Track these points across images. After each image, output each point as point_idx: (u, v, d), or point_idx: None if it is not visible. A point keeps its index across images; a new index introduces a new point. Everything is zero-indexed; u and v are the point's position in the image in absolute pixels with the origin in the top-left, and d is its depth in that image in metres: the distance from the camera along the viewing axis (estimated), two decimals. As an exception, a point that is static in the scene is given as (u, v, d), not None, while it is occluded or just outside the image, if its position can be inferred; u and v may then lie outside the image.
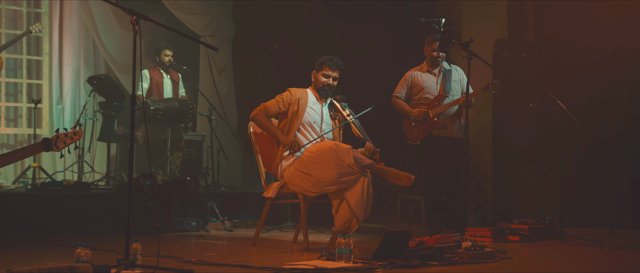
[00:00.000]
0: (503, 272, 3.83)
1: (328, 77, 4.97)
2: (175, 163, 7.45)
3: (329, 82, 4.97)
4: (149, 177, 5.70)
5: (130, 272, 3.31)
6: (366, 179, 4.62)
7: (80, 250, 3.31)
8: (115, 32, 8.56)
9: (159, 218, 5.80)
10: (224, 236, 5.73)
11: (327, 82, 4.96)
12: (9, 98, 8.26)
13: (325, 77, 4.97)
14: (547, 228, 5.57)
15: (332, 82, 4.98)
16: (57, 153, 3.53)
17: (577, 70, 6.70)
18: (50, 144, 3.50)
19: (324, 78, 4.96)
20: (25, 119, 8.25)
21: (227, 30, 9.08)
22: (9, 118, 8.27)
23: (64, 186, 6.11)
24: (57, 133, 3.56)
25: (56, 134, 3.55)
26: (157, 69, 7.69)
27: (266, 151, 5.08)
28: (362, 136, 4.91)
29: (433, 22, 5.40)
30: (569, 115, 5.51)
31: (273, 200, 4.91)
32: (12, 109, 8.28)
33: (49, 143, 3.50)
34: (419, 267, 3.80)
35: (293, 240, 5.27)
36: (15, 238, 5.20)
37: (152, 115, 7.07)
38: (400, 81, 6.05)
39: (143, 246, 3.56)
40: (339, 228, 4.64)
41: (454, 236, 4.37)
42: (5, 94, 8.18)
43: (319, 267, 3.73)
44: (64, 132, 3.56)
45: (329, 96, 5.03)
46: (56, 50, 8.38)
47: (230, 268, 3.68)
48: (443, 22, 5.71)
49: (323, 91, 4.99)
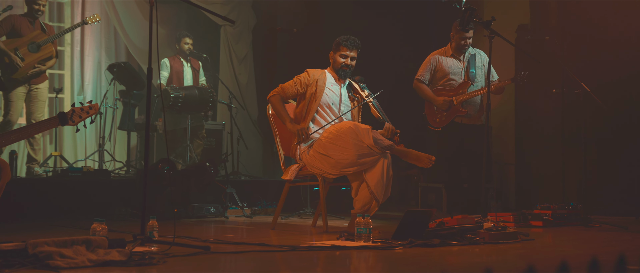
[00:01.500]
0: (525, 251, 3.74)
1: (346, 57, 4.89)
2: (196, 151, 7.44)
3: (347, 63, 4.89)
4: (168, 162, 5.69)
5: (146, 248, 3.28)
6: (386, 160, 4.55)
7: (96, 225, 3.30)
8: (137, 21, 8.56)
9: (177, 203, 5.78)
10: (243, 222, 5.69)
11: (345, 62, 4.89)
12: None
13: (343, 58, 4.89)
14: (570, 214, 5.46)
15: (350, 62, 4.90)
16: (80, 141, 3.51)
17: (602, 52, 6.56)
18: (66, 119, 3.48)
19: (342, 59, 4.89)
20: (47, 109, 8.28)
21: (248, 19, 9.05)
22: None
23: (84, 173, 6.12)
24: (73, 107, 3.54)
25: (72, 109, 3.53)
26: (177, 58, 7.68)
27: (285, 134, 5.03)
28: (381, 117, 4.84)
29: (454, 1, 5.30)
30: (593, 98, 5.40)
31: (291, 182, 4.87)
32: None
33: (65, 117, 3.48)
34: (439, 246, 3.72)
35: (312, 225, 5.22)
36: (36, 222, 5.22)
37: (172, 103, 7.07)
38: (423, 64, 5.93)
39: (161, 231, 3.54)
40: (358, 210, 4.57)
41: (475, 218, 4.29)
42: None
43: (337, 245, 3.67)
44: (79, 106, 3.54)
45: (348, 76, 4.96)
46: (78, 41, 8.41)
47: (248, 246, 3.63)
48: (464, 0, 5.60)
49: (342, 72, 4.92)
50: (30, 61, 6.31)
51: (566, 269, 1.60)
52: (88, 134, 8.28)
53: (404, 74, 6.30)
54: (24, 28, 6.33)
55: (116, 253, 2.85)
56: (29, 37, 6.32)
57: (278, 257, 3.29)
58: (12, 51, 6.22)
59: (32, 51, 6.32)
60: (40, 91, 6.48)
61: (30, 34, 6.34)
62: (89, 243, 2.90)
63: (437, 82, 5.87)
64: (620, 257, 1.69)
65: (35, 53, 6.33)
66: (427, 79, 5.90)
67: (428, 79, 5.90)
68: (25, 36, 6.31)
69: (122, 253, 2.84)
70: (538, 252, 3.63)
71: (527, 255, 3.48)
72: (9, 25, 6.29)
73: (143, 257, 2.89)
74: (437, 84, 5.87)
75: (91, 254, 2.82)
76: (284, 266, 3.06)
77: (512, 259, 3.34)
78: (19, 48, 6.27)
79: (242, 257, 3.27)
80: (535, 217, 5.38)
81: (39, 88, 6.46)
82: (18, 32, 6.31)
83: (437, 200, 6.85)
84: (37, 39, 6.36)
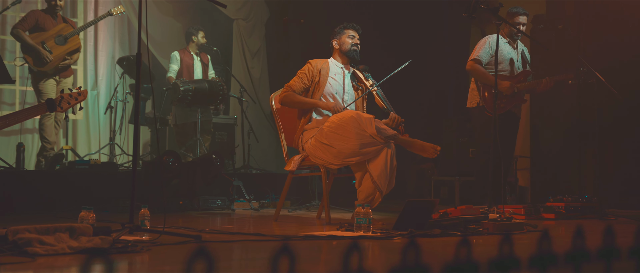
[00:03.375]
0: (529, 242, 3.61)
1: (353, 38, 4.81)
2: (204, 145, 7.38)
3: (356, 41, 4.81)
4: (173, 154, 5.63)
5: (137, 237, 3.21)
6: (389, 150, 4.44)
7: (84, 213, 3.23)
8: (152, 15, 8.53)
9: (183, 196, 5.72)
10: (251, 215, 5.61)
11: (354, 41, 4.81)
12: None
13: (351, 38, 4.81)
14: (585, 207, 5.30)
15: (357, 41, 4.82)
16: (93, 135, 3.48)
17: (621, 43, 6.37)
18: (54, 105, 3.43)
19: (350, 39, 4.80)
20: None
21: (261, 13, 8.98)
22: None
23: (91, 166, 6.09)
24: (61, 93, 3.49)
25: (61, 95, 3.48)
26: (188, 51, 7.63)
27: (288, 125, 4.95)
28: (385, 106, 4.73)
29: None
30: (608, 89, 5.23)
31: (294, 173, 4.78)
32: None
33: (53, 103, 3.43)
34: (440, 237, 3.60)
35: (317, 217, 5.13)
36: (40, 214, 5.19)
37: (182, 96, 7.01)
38: (481, 45, 5.58)
39: (168, 222, 3.47)
40: (361, 202, 4.46)
41: (480, 208, 4.17)
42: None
43: (332, 235, 3.57)
44: (68, 92, 3.48)
45: (358, 57, 4.85)
46: (91, 35, 8.40)
47: (241, 236, 3.55)
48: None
49: (352, 52, 4.81)
50: (59, 53, 6.39)
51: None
52: (102, 128, 8.27)
53: (413, 62, 6.15)
54: (47, 23, 6.42)
55: (99, 240, 2.78)
56: (55, 30, 6.40)
57: (269, 246, 3.20)
58: (38, 44, 6.27)
59: (59, 44, 6.39)
60: (67, 85, 6.54)
61: (56, 28, 6.43)
62: (72, 230, 2.84)
63: (491, 68, 5.44)
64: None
65: (62, 45, 6.40)
66: (485, 61, 5.55)
67: (486, 61, 5.56)
68: (50, 29, 6.36)
69: (105, 241, 2.77)
70: (534, 242, 3.49)
71: (527, 246, 3.35)
72: (33, 20, 6.36)
73: (126, 244, 2.81)
74: (490, 69, 5.48)
75: (73, 241, 2.76)
76: (265, 252, 2.96)
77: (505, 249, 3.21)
78: (46, 41, 6.35)
79: (231, 246, 3.19)
80: (548, 210, 5.23)
81: (66, 82, 6.55)
82: (42, 27, 6.40)
83: (449, 193, 6.72)
84: (64, 31, 6.43)
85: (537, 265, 1.45)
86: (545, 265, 1.46)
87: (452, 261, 1.33)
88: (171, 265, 2.52)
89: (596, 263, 1.55)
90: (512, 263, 1.43)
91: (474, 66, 5.56)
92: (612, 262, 1.55)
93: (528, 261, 1.45)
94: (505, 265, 1.41)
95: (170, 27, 8.79)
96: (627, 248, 1.61)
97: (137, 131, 3.38)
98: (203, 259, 1.16)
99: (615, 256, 1.56)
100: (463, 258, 1.33)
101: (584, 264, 1.52)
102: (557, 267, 1.49)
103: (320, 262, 2.82)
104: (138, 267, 2.51)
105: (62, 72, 6.50)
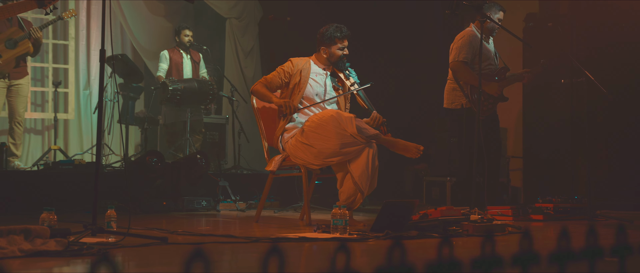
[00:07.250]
0: (508, 244, 3.50)
1: (343, 49, 4.70)
2: (195, 146, 7.30)
3: (345, 51, 4.70)
4: (156, 154, 5.55)
5: (103, 238, 3.13)
6: (371, 150, 4.34)
7: (45, 214, 3.16)
8: (142, 16, 8.47)
9: (167, 196, 5.63)
10: (235, 216, 5.52)
11: (344, 52, 4.70)
12: (36, 83, 8.22)
13: (341, 50, 4.69)
14: (574, 208, 5.18)
15: (346, 51, 4.71)
16: (86, 135, 3.47)
17: (615, 43, 6.26)
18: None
19: (340, 51, 4.68)
20: (51, 104, 8.21)
21: (254, 12, 8.89)
22: (36, 103, 8.24)
23: (75, 166, 6.02)
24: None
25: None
26: (177, 50, 7.55)
27: (269, 124, 4.86)
28: (367, 106, 4.63)
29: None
30: (598, 88, 5.11)
31: (275, 173, 4.69)
32: (38, 94, 8.25)
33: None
34: (416, 239, 3.50)
35: (299, 218, 5.03)
36: (22, 214, 5.10)
37: (170, 95, 6.92)
38: (465, 44, 5.30)
39: (148, 223, 3.38)
40: (342, 203, 4.36)
41: (462, 210, 4.07)
42: (32, 79, 8.15)
43: (305, 237, 3.48)
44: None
45: (345, 65, 4.74)
46: (83, 35, 8.33)
47: (211, 238, 3.46)
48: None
49: (341, 63, 4.70)
50: (8, 57, 6.20)
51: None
52: (94, 128, 8.19)
53: (399, 62, 6.06)
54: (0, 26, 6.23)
55: (54, 243, 2.69)
56: (5, 34, 6.19)
57: (238, 248, 3.11)
58: None
59: (9, 47, 6.19)
60: (22, 86, 6.36)
61: (7, 31, 6.22)
62: (28, 232, 2.75)
63: (475, 66, 5.22)
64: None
65: (12, 49, 6.21)
66: (469, 60, 5.29)
67: (470, 60, 5.29)
68: (1, 33, 6.19)
69: (60, 243, 2.69)
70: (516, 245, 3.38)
71: (506, 247, 3.24)
72: None
73: (82, 247, 2.73)
74: (475, 67, 5.24)
75: (27, 244, 2.67)
76: (228, 255, 2.87)
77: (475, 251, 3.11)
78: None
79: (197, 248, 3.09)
80: (536, 211, 5.12)
81: (20, 83, 6.35)
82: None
83: (441, 194, 6.62)
84: (14, 35, 6.23)
85: (520, 264, 1.39)
86: (526, 265, 1.40)
87: (434, 260, 1.27)
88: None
89: (579, 262, 1.50)
90: (495, 262, 1.36)
91: (461, 67, 5.33)
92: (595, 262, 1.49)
93: (511, 259, 1.39)
94: (488, 264, 1.36)
95: (160, 27, 8.72)
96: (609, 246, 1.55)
97: (99, 133, 3.29)
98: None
99: (598, 255, 1.51)
100: (445, 257, 1.27)
101: (568, 264, 1.46)
102: (540, 267, 1.44)
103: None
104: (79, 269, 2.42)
105: (13, 75, 6.26)
